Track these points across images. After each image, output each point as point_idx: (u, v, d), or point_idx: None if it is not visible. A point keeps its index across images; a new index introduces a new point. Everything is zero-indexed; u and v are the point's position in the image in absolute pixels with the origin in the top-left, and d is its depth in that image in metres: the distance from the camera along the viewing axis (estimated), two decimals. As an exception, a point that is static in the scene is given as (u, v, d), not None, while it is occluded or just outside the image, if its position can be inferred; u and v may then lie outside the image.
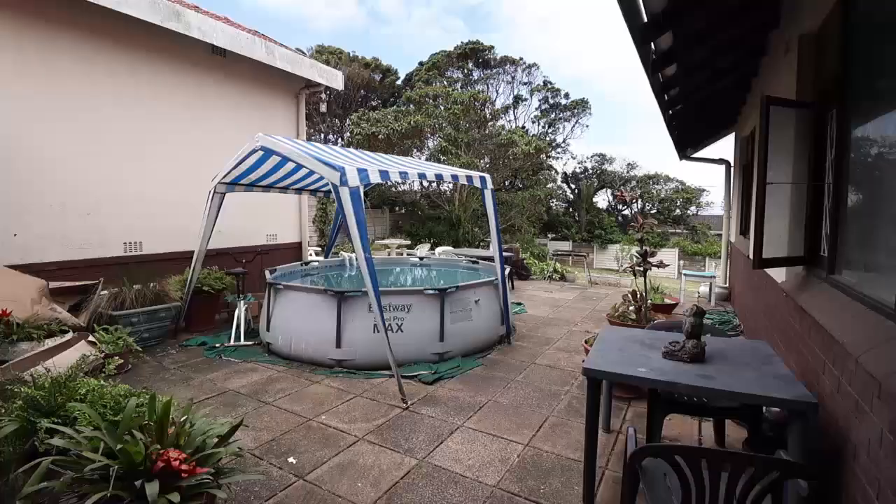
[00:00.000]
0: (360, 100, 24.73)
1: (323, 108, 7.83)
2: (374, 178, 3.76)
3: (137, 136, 5.66)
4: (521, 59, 27.43)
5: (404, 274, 7.39)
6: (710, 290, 7.79)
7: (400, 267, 7.53)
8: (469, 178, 4.81)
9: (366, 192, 20.06)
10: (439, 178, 4.54)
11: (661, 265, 4.90)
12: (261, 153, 4.68)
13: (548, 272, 10.19)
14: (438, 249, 10.48)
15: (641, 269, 4.99)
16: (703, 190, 31.62)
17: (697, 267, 27.99)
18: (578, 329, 6.01)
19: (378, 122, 14.43)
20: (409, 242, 12.91)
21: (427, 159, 17.90)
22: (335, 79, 7.68)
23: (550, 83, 27.77)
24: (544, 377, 4.24)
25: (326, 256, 6.83)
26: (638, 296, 5.11)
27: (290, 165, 5.27)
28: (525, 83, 28.16)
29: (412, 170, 4.30)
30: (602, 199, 33.87)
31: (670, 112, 5.91)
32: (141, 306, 4.93)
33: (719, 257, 26.78)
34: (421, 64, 26.94)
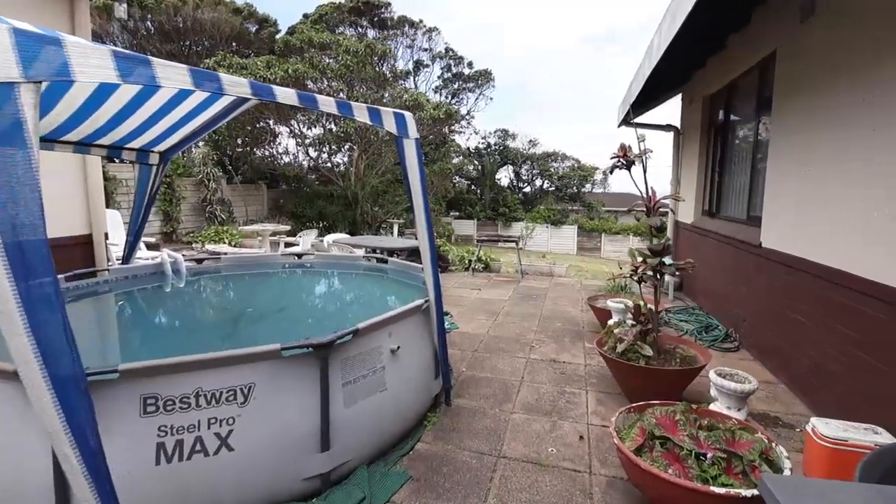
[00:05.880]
0: (230, 55, 20.31)
1: (120, 12, 4.72)
2: (99, 73, 1.27)
3: None
4: (420, 21, 25.08)
5: (259, 292, 4.59)
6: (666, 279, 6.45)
7: (259, 274, 4.72)
8: (375, 115, 2.47)
9: (235, 167, 16.20)
10: (309, 103, 2.15)
11: (685, 268, 3.11)
12: None
13: (471, 262, 8.25)
14: (330, 238, 7.91)
15: (653, 275, 3.18)
16: (596, 168, 32.79)
17: (594, 244, 28.95)
18: (539, 357, 4.11)
19: (243, 70, 11.03)
20: (289, 228, 10.02)
21: (311, 126, 14.82)
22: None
23: (453, 51, 25.87)
24: (536, 499, 2.20)
25: (127, 260, 3.99)
26: (641, 315, 3.31)
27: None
28: (425, 49, 25.91)
29: (239, 86, 1.86)
30: (504, 176, 33.61)
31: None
32: None
33: (616, 234, 27.74)
34: (306, 16, 23.13)
